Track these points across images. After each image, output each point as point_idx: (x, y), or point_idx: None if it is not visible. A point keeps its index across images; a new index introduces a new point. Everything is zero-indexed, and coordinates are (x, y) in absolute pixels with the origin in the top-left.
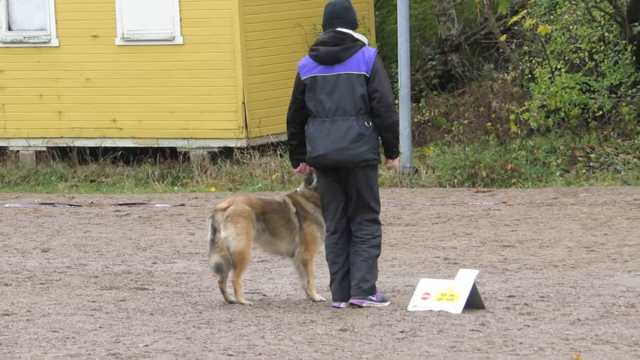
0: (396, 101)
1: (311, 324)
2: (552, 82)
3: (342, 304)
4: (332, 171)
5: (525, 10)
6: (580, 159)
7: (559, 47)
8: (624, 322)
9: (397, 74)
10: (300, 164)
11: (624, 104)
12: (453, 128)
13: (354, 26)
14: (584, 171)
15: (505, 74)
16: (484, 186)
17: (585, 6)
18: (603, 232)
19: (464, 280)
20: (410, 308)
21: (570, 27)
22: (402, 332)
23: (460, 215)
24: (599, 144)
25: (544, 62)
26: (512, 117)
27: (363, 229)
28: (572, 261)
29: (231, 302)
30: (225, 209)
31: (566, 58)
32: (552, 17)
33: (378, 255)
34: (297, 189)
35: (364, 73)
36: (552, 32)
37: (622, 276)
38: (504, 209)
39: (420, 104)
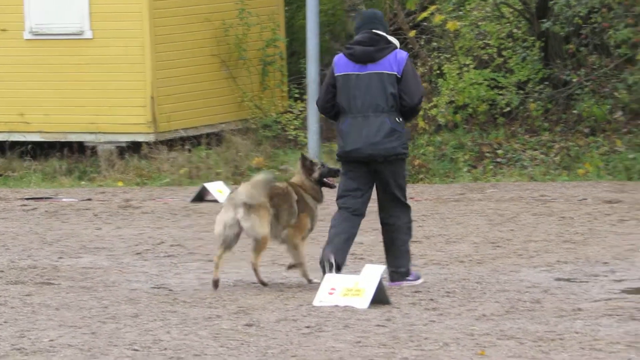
0: (304, 96)
1: (217, 319)
2: (460, 78)
3: (332, 257)
4: (362, 165)
5: (435, 6)
6: (487, 154)
7: (467, 43)
8: (529, 318)
9: (305, 69)
10: None
11: (531, 100)
12: None
13: (386, 31)
14: (491, 167)
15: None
16: None
17: (494, 2)
18: (509, 228)
19: (370, 275)
20: (316, 303)
21: (479, 23)
22: (307, 327)
23: (368, 211)
24: (507, 140)
25: (453, 58)
26: (420, 113)
27: (392, 216)
28: (478, 257)
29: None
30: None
31: (475, 54)
32: (461, 13)
33: (409, 240)
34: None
35: (395, 73)
36: (461, 28)
37: (528, 272)
38: (412, 205)
39: None
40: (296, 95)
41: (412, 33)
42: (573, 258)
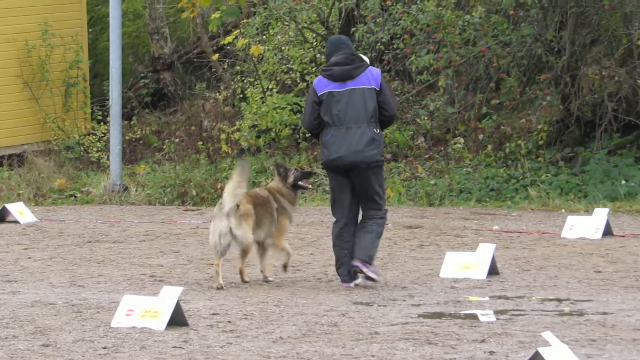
0: (107, 119)
1: (13, 339)
2: (263, 102)
3: (352, 284)
4: (343, 172)
5: (238, 30)
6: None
7: (271, 67)
8: (326, 341)
9: (108, 91)
10: None
11: None
12: (164, 146)
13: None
14: None
15: (217, 94)
16: (194, 205)
17: (297, 27)
18: (309, 252)
19: (168, 297)
20: (114, 324)
21: (283, 47)
22: (104, 348)
23: (169, 233)
24: (309, 164)
25: (256, 82)
26: (223, 136)
27: (369, 214)
28: (278, 280)
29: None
30: (238, 208)
31: (278, 78)
32: (264, 37)
33: (381, 233)
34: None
35: (374, 87)
36: (264, 52)
37: (327, 295)
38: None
39: (132, 122)
40: (99, 117)
41: (215, 56)
42: (372, 282)
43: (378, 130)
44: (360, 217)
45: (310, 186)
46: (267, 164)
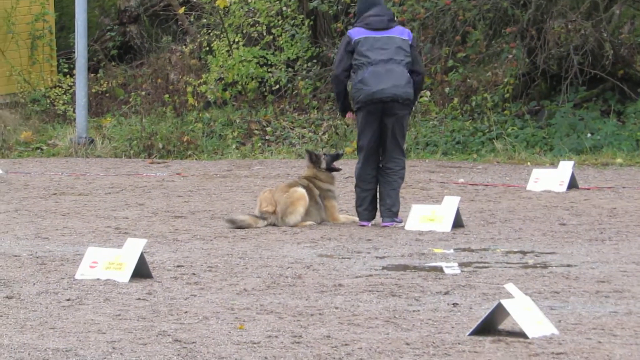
0: (73, 71)
1: None
2: (229, 56)
3: (370, 223)
4: (377, 112)
5: None
6: (256, 132)
7: (237, 20)
8: (290, 293)
9: (74, 44)
10: (348, 112)
11: (300, 78)
12: (130, 99)
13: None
14: (259, 144)
15: (184, 47)
16: (160, 157)
17: None
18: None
19: (132, 249)
20: (78, 276)
21: (249, 0)
22: (68, 300)
23: (134, 186)
24: (275, 117)
25: (222, 35)
26: (189, 89)
27: (392, 161)
28: (243, 232)
29: None
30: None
31: (244, 31)
32: None
33: (401, 184)
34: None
35: (408, 39)
36: (230, 5)
37: (291, 248)
38: (178, 180)
39: (99, 75)
40: (65, 70)
41: (181, 10)
42: (337, 235)
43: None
44: (382, 163)
45: (341, 168)
46: (233, 117)
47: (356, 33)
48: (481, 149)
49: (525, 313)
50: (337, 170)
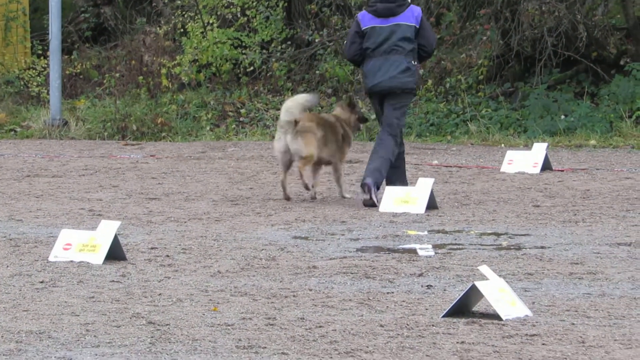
0: (47, 53)
1: None
2: (204, 37)
3: (372, 183)
4: (380, 100)
5: None
6: (230, 113)
7: (211, 2)
8: (264, 275)
9: (48, 25)
10: None
11: (274, 60)
12: (105, 81)
13: None
14: (233, 126)
15: (158, 28)
16: (134, 139)
17: None
18: (249, 187)
19: (106, 231)
20: (52, 259)
21: None
22: (41, 282)
23: (108, 168)
24: (250, 99)
25: (197, 17)
26: (163, 71)
27: (389, 127)
28: (217, 214)
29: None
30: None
31: (219, 13)
32: None
33: (393, 152)
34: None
35: (414, 24)
36: None
37: (266, 230)
38: (152, 162)
39: (73, 56)
40: (39, 52)
41: None
42: (311, 217)
43: (415, 62)
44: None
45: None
46: (207, 99)
47: (365, 20)
48: (455, 131)
49: (499, 295)
50: (367, 120)
